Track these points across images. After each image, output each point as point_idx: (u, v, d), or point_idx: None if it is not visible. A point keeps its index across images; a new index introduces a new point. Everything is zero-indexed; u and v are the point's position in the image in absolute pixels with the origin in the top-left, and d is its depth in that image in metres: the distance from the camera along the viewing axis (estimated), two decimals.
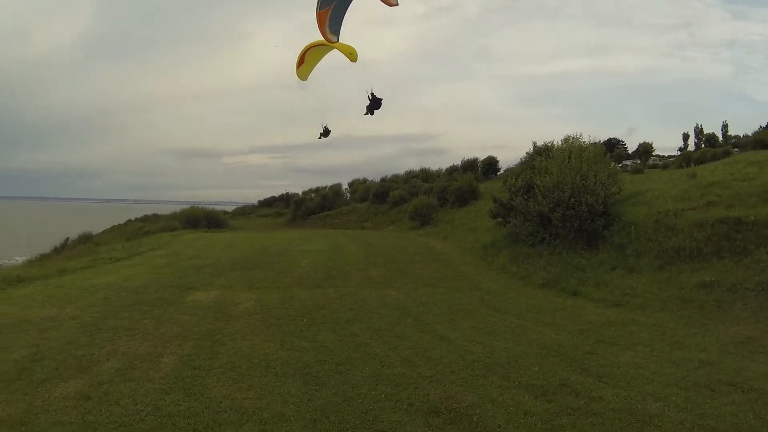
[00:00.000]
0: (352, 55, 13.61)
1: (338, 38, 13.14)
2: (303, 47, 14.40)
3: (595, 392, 7.33)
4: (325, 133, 15.50)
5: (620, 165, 45.50)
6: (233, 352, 9.07)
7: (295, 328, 10.84)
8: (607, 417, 6.52)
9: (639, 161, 55.09)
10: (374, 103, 14.32)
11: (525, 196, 20.41)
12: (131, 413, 6.52)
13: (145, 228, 36.34)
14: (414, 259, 21.40)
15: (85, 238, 29.84)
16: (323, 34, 12.89)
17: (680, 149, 70.86)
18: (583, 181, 18.28)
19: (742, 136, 55.97)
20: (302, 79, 14.74)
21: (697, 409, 6.75)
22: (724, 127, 73.55)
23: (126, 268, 18.91)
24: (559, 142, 23.06)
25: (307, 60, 14.34)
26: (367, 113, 14.54)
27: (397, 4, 11.81)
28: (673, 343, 9.83)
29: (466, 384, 7.71)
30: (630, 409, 6.72)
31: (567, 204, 18.07)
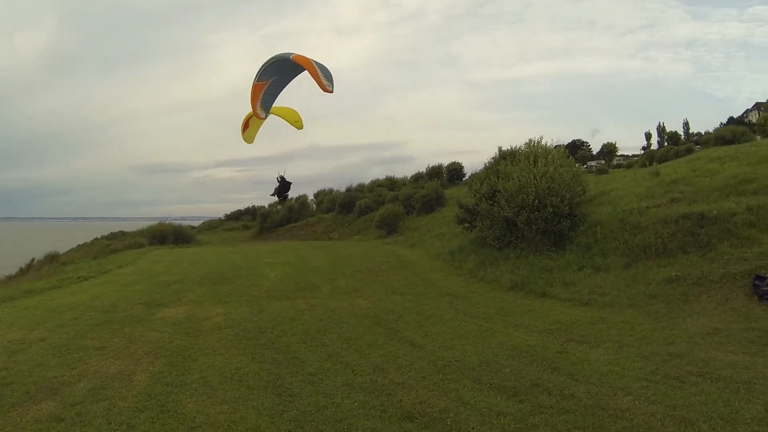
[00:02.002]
0: (297, 123, 13.55)
1: (267, 115, 13.04)
2: (246, 114, 14.40)
3: (567, 390, 7.35)
4: (281, 190, 15.34)
5: (585, 166, 46.01)
6: (205, 367, 8.94)
7: (266, 340, 10.70)
8: (579, 414, 6.53)
9: (603, 162, 55.73)
10: (284, 187, 14.30)
11: (490, 201, 20.49)
12: None
13: (112, 246, 35.34)
14: (382, 267, 21.28)
15: (52, 258, 28.98)
16: (253, 108, 12.75)
17: (644, 148, 72.07)
18: (549, 184, 18.40)
19: (703, 133, 57.11)
20: (248, 143, 14.73)
21: (667, 400, 6.80)
22: (686, 125, 75.33)
23: (94, 287, 18.40)
24: (523, 146, 23.22)
25: (251, 125, 14.33)
26: (274, 194, 14.47)
27: (332, 92, 11.68)
28: (642, 338, 9.90)
29: (438, 388, 7.67)
30: (602, 405, 6.75)
31: (531, 207, 18.17)
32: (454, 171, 49.42)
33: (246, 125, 14.58)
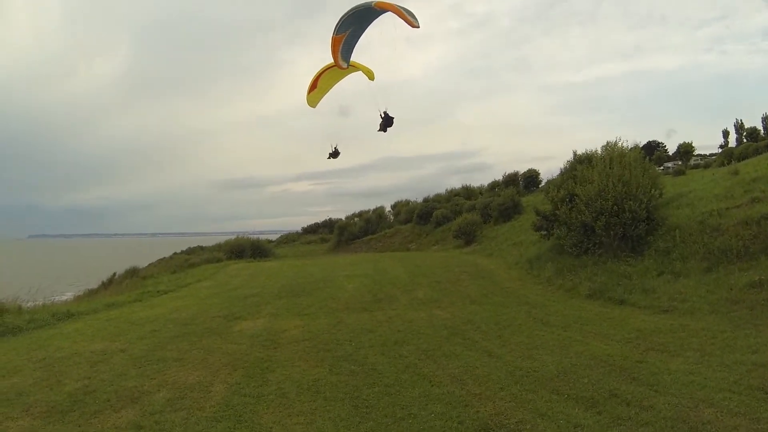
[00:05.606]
0: (370, 73, 13.75)
1: (348, 65, 13.34)
2: (317, 71, 14.46)
3: (647, 401, 7.33)
4: (335, 154, 15.89)
5: (661, 167, 44.85)
6: (282, 379, 9.24)
7: (344, 352, 10.95)
8: (659, 426, 6.52)
9: (680, 162, 53.96)
10: (387, 121, 14.59)
11: (567, 207, 20.30)
12: None
13: (191, 260, 36.66)
14: (460, 277, 21.35)
15: (132, 273, 30.53)
16: (335, 60, 13.10)
17: (721, 146, 69.38)
18: (625, 188, 18.13)
19: None
20: (312, 106, 14.75)
21: (751, 413, 6.69)
22: (765, 119, 71.72)
23: (173, 301, 19.34)
24: (599, 150, 22.91)
25: (319, 86, 14.39)
26: (380, 130, 14.81)
27: (419, 27, 11.96)
28: (725, 346, 9.68)
29: (515, 400, 7.77)
30: (682, 417, 6.71)
31: (610, 212, 17.93)
32: (530, 178, 48.84)
33: (314, 85, 14.46)
